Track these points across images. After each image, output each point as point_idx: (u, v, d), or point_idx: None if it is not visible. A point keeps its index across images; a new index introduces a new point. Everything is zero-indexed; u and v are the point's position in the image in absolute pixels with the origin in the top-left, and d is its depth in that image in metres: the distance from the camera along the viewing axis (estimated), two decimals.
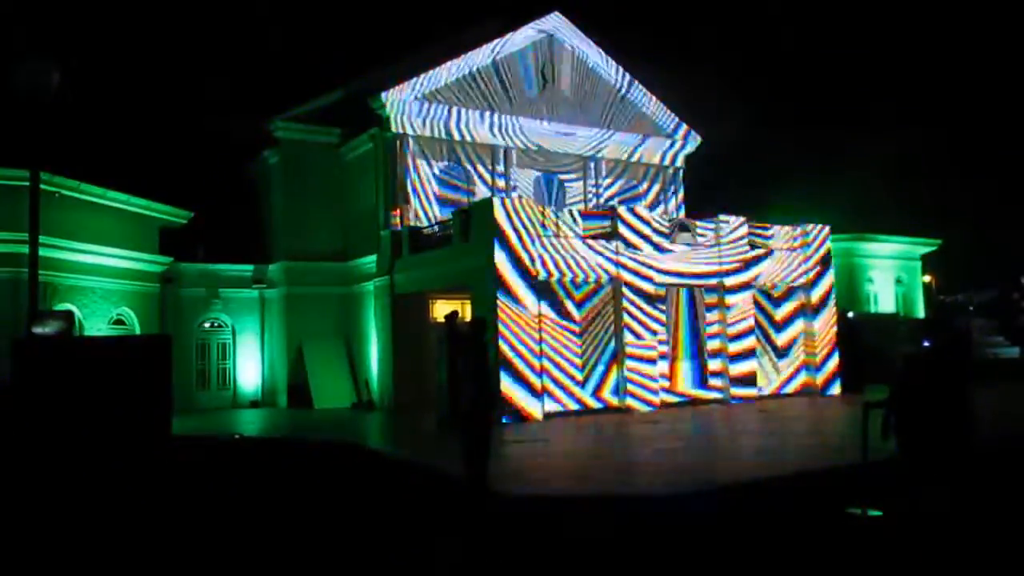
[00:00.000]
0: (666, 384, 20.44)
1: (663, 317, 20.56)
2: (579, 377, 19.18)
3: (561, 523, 8.50)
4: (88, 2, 35.30)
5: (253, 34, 44.20)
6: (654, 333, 20.14)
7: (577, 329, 19.39)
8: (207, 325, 25.78)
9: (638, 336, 19.85)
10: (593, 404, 19.30)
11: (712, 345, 21.36)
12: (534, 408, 18.16)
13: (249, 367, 26.13)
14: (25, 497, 9.13)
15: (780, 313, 23.03)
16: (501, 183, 25.09)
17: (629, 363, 19.63)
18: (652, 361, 19.97)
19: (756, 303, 22.33)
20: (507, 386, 17.76)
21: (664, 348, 20.46)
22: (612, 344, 19.75)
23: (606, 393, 19.56)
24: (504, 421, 17.26)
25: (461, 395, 8.76)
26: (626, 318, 19.75)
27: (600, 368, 19.55)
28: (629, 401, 19.50)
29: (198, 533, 8.25)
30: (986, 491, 8.19)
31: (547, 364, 18.64)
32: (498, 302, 18.05)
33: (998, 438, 11.79)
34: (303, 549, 7.50)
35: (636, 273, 20.04)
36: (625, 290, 19.84)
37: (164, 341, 11.26)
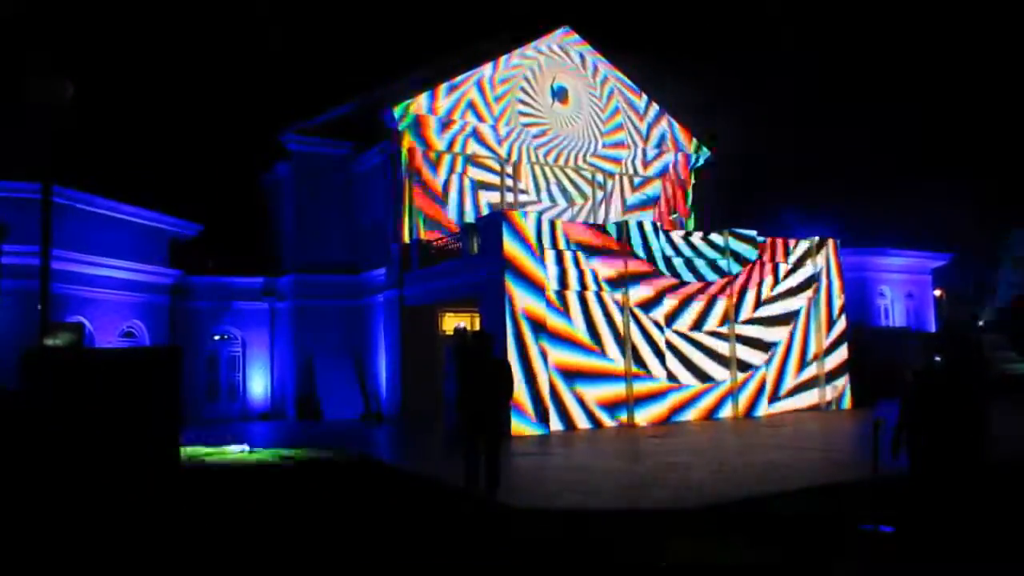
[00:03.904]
0: (676, 400, 20.32)
1: (673, 333, 20.47)
2: (587, 391, 19.10)
3: (569, 536, 8.44)
4: (100, 14, 35.64)
5: (265, 47, 44.50)
6: (662, 348, 20.06)
7: (586, 343, 19.33)
8: (217, 337, 25.87)
9: (647, 350, 19.78)
10: (601, 419, 19.20)
11: (722, 361, 21.25)
12: (541, 422, 18.10)
13: (259, 379, 26.18)
14: (31, 508, 9.14)
15: (790, 328, 22.91)
16: (511, 196, 25.13)
17: (637, 380, 19.54)
18: (661, 379, 19.90)
19: (766, 318, 22.22)
20: (514, 399, 17.70)
21: (673, 363, 20.36)
22: (621, 358, 19.68)
23: (614, 408, 19.46)
24: (511, 435, 17.21)
25: (465, 408, 8.74)
26: (635, 332, 19.69)
27: (609, 382, 19.46)
28: (637, 417, 19.41)
29: (205, 547, 8.24)
30: (999, 509, 8.10)
31: (555, 378, 18.58)
32: (506, 315, 18.05)
33: (1015, 455, 11.68)
34: (307, 560, 7.48)
35: (646, 287, 19.99)
36: (634, 305, 19.78)
37: (174, 353, 11.27)
